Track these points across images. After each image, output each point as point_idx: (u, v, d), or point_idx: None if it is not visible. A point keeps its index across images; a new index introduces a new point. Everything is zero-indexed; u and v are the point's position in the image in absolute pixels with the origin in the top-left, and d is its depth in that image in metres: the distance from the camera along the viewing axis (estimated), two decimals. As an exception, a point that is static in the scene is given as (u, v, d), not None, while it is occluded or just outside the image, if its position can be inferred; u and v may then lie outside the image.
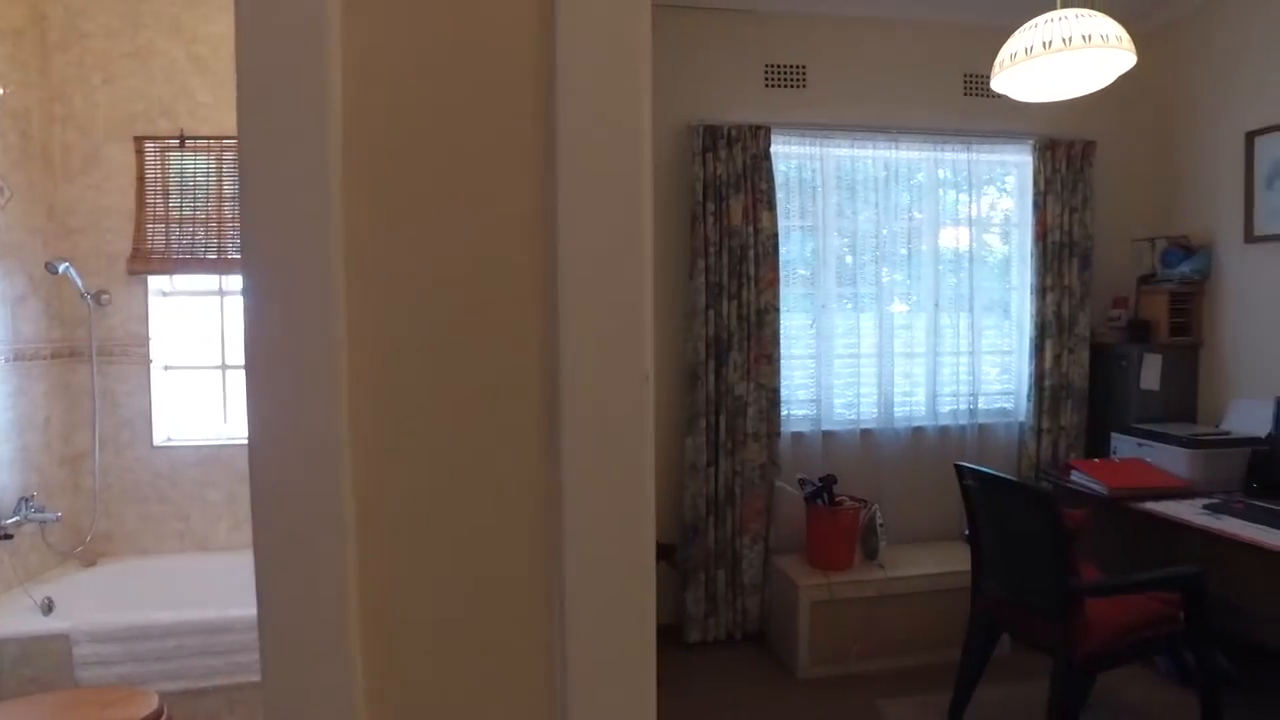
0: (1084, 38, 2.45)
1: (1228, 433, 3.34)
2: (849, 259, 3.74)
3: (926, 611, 3.29)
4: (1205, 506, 2.99)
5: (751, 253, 3.45)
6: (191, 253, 3.20)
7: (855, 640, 3.22)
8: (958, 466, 2.80)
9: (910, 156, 3.75)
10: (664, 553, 3.21)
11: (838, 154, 3.69)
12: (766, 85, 3.64)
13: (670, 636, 3.52)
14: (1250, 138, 3.39)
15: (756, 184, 3.46)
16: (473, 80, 0.69)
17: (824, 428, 3.69)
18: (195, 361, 3.36)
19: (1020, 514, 2.54)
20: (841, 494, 3.40)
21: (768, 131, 3.48)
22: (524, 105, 0.70)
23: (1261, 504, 2.96)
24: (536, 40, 0.70)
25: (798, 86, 3.66)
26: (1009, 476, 2.68)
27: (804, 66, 3.66)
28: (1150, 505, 3.07)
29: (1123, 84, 3.62)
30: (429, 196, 0.69)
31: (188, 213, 3.20)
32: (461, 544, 0.69)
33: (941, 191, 3.80)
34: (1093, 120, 3.84)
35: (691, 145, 3.47)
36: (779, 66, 3.64)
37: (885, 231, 3.74)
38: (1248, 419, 3.35)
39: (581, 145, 0.69)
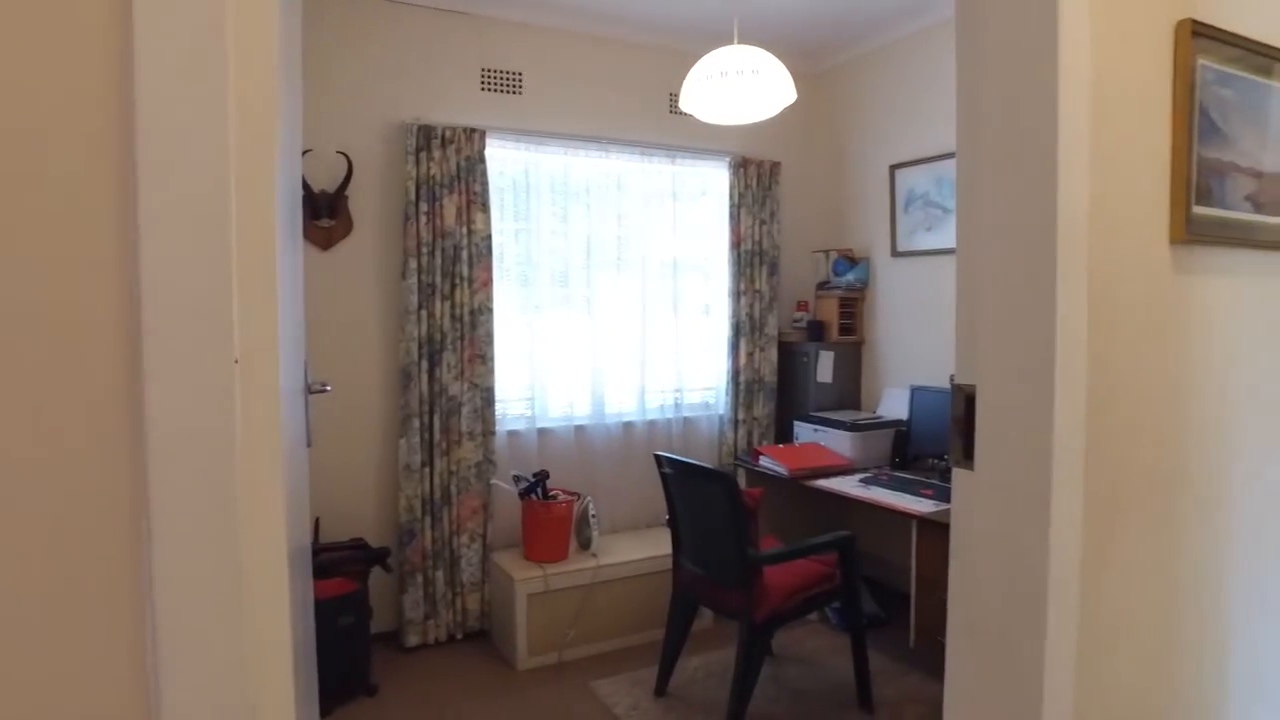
0: (753, 71, 2.76)
1: (880, 417, 3.94)
2: (564, 262, 3.87)
3: (636, 594, 3.50)
4: (861, 480, 3.51)
5: (465, 254, 3.45)
6: None
7: (571, 627, 3.35)
8: (656, 456, 3.03)
9: (621, 166, 3.96)
10: (377, 556, 3.12)
11: (552, 160, 3.81)
12: (483, 89, 3.66)
13: (388, 642, 3.43)
14: (893, 170, 4.02)
15: (471, 186, 3.47)
16: (49, 66, 0.66)
17: (539, 425, 3.78)
18: None
19: (707, 495, 2.80)
20: (555, 488, 3.51)
21: (483, 134, 3.50)
22: (104, 94, 0.68)
23: (901, 475, 3.54)
24: (111, 35, 0.68)
25: (514, 92, 3.73)
26: (696, 461, 2.94)
27: (520, 73, 3.74)
28: (821, 482, 3.54)
29: (803, 114, 4.14)
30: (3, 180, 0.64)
31: None
32: (43, 539, 0.65)
33: (650, 201, 4.06)
34: (779, 143, 4.33)
35: (405, 144, 3.41)
36: (495, 71, 3.68)
37: (598, 236, 3.92)
38: (894, 405, 3.97)
39: (161, 131, 0.68)
